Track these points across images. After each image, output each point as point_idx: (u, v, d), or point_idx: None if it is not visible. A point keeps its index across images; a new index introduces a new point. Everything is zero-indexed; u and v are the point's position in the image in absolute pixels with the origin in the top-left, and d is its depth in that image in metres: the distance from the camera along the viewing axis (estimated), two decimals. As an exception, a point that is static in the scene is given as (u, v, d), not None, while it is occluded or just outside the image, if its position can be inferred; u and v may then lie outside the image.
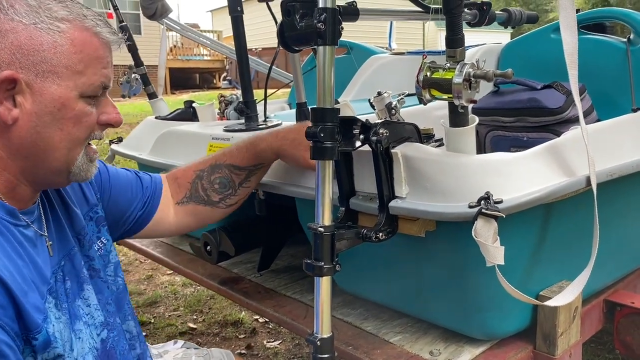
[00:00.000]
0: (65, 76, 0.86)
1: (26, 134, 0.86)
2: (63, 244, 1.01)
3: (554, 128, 1.55)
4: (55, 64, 0.85)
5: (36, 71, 0.84)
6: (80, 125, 0.89)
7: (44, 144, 0.87)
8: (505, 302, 1.13)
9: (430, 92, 1.03)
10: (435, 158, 1.07)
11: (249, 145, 1.29)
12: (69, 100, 0.87)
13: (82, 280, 1.01)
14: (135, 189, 1.24)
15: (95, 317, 1.00)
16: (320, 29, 0.95)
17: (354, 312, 1.39)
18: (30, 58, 0.83)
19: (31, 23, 0.84)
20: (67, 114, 0.87)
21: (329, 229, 0.99)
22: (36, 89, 0.85)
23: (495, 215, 0.94)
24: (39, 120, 0.86)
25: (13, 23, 0.83)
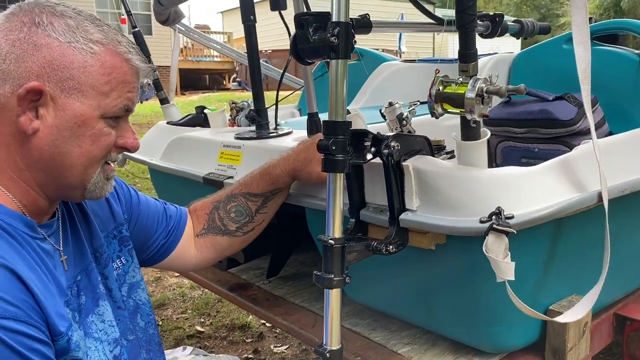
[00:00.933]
0: (90, 95, 0.88)
1: (45, 146, 0.87)
2: (81, 259, 1.02)
3: (565, 140, 1.55)
4: (82, 82, 0.87)
5: (62, 87, 0.86)
6: (98, 144, 0.91)
7: (62, 158, 0.89)
8: (514, 316, 1.13)
9: (443, 106, 1.03)
10: (446, 171, 1.07)
11: (262, 173, 1.30)
12: (89, 119, 0.89)
13: (98, 296, 1.02)
14: (161, 218, 1.27)
15: (109, 334, 1.01)
16: (334, 43, 0.95)
17: (363, 322, 1.39)
18: (59, 74, 0.86)
19: (66, 41, 0.86)
20: (87, 131, 0.89)
21: (339, 241, 0.99)
22: (60, 104, 0.87)
23: (506, 231, 0.94)
24: (59, 134, 0.87)
25: (49, 39, 0.86)
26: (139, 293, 1.16)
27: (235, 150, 1.58)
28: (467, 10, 0.99)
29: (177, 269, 1.48)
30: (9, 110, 0.86)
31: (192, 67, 17.91)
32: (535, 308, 1.09)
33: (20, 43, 0.85)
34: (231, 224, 1.30)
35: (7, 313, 0.74)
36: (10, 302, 0.75)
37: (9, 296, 0.76)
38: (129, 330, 1.09)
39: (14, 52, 0.85)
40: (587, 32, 1.05)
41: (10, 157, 0.88)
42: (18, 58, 0.85)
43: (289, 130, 1.67)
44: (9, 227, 0.85)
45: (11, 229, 0.85)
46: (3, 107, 0.86)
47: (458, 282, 1.16)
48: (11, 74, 0.85)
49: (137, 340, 1.11)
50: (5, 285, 0.76)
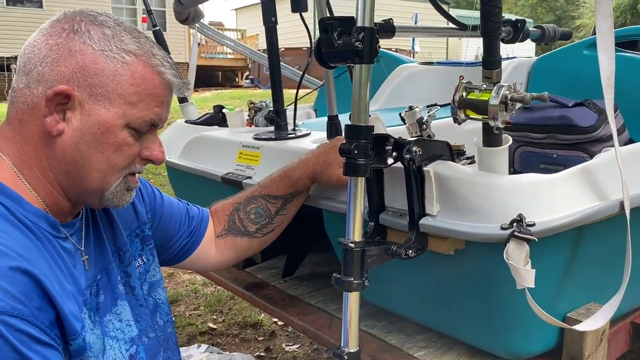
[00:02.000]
0: (116, 104, 0.89)
1: (68, 148, 0.89)
2: (102, 258, 1.03)
3: (584, 146, 1.54)
4: (111, 90, 0.89)
5: (90, 92, 0.88)
6: (120, 153, 0.92)
7: (83, 162, 0.90)
8: (532, 322, 1.13)
9: (466, 112, 1.03)
10: (467, 177, 1.07)
11: (282, 176, 1.31)
12: (113, 126, 0.90)
13: (116, 295, 1.04)
14: (184, 219, 1.28)
15: (126, 333, 1.02)
16: (358, 48, 0.96)
17: (379, 325, 1.40)
18: (89, 80, 0.88)
19: (100, 49, 0.88)
20: (109, 139, 0.90)
21: (359, 244, 1.00)
22: (86, 109, 0.89)
23: (527, 239, 0.94)
24: (82, 138, 0.89)
25: (84, 46, 0.88)
26: (158, 292, 1.18)
27: (254, 151, 1.59)
28: (492, 17, 0.99)
29: (198, 269, 1.49)
30: (39, 111, 0.88)
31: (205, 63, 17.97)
32: (553, 315, 1.09)
33: (57, 48, 0.88)
34: (251, 225, 1.31)
35: (15, 311, 0.75)
36: (19, 300, 0.76)
37: (20, 294, 0.77)
38: (150, 328, 1.10)
39: (50, 55, 0.88)
40: (611, 40, 1.04)
41: (37, 156, 0.90)
42: (53, 62, 0.88)
43: (307, 132, 1.68)
44: (33, 225, 0.87)
45: (35, 227, 0.87)
46: (35, 107, 0.88)
47: (476, 287, 1.16)
48: (46, 76, 0.88)
49: (156, 338, 1.12)
50: (18, 283, 0.77)
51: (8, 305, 0.75)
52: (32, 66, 0.89)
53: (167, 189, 3.14)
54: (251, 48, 3.03)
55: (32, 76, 0.88)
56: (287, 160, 1.51)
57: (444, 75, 2.31)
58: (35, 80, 0.88)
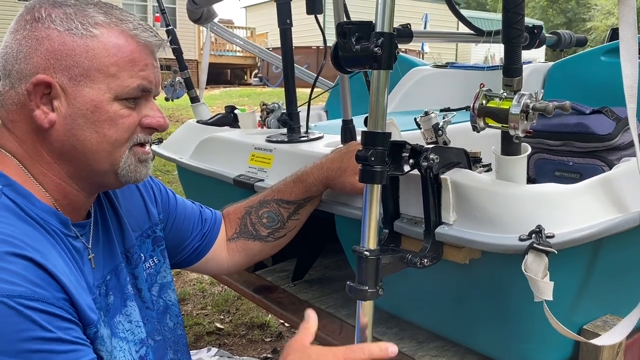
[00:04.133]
0: (97, 79, 0.87)
1: (63, 137, 0.88)
2: (111, 259, 1.03)
3: (602, 155, 1.52)
4: (88, 67, 0.87)
5: (69, 75, 0.86)
6: (117, 127, 0.90)
7: (82, 146, 0.89)
8: (547, 334, 1.11)
9: (485, 120, 1.01)
10: (485, 186, 1.05)
11: (296, 180, 1.29)
12: (101, 102, 0.88)
13: (126, 296, 1.03)
14: (197, 221, 1.27)
15: (135, 334, 1.02)
16: (377, 53, 0.95)
17: (390, 332, 1.39)
18: (63, 62, 0.86)
19: (65, 29, 0.86)
20: (101, 116, 0.88)
21: (374, 252, 0.99)
22: (70, 93, 0.87)
23: (547, 251, 0.92)
24: (74, 123, 0.88)
25: (48, 30, 0.86)
26: (169, 294, 1.17)
27: (267, 153, 1.58)
28: (515, 25, 0.97)
29: (210, 272, 1.48)
30: (26, 108, 0.87)
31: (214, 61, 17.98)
32: (569, 327, 1.07)
33: (25, 40, 0.86)
34: (263, 229, 1.30)
35: (35, 294, 0.76)
36: (38, 285, 0.77)
37: (38, 279, 0.78)
38: (156, 330, 1.10)
39: (22, 50, 0.86)
40: (635, 48, 1.02)
41: (37, 152, 0.89)
42: (26, 56, 0.86)
43: (320, 135, 1.67)
44: (44, 222, 0.86)
45: (45, 224, 0.86)
46: (23, 105, 0.87)
47: (491, 297, 1.15)
48: (23, 72, 0.86)
49: (164, 340, 1.11)
50: (32, 271, 0.78)
51: (29, 290, 0.75)
52: (10, 66, 0.87)
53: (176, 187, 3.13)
54: (261, 47, 3.03)
55: (13, 76, 0.87)
56: (300, 163, 1.50)
57: (458, 79, 2.29)
58: (17, 79, 0.87)
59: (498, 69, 1.06)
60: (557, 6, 37.31)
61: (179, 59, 2.20)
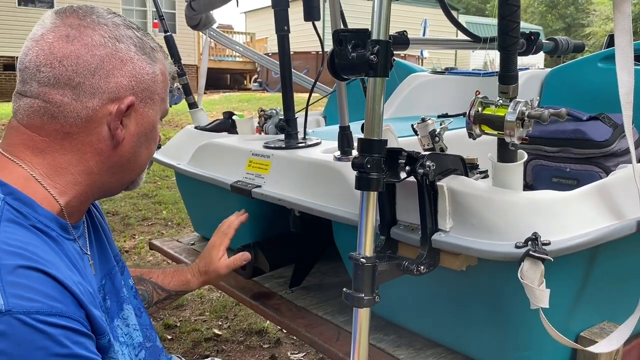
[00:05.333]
0: (157, 102, 0.96)
1: (127, 153, 0.93)
2: (105, 263, 1.03)
3: (598, 161, 1.52)
4: (153, 91, 0.94)
5: (142, 97, 0.92)
6: (155, 143, 1.00)
7: (135, 161, 0.96)
8: (543, 341, 1.11)
9: (481, 127, 1.02)
10: (481, 193, 1.05)
11: (174, 274, 1.37)
12: (156, 122, 0.97)
13: (122, 300, 1.03)
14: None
15: (133, 338, 1.02)
16: (373, 61, 0.95)
17: (387, 339, 1.38)
18: (141, 85, 0.91)
19: (142, 54, 0.92)
20: (154, 134, 0.98)
21: (370, 259, 0.99)
22: (139, 113, 0.93)
23: (543, 258, 0.92)
24: (138, 141, 0.94)
25: (130, 53, 0.91)
26: None
27: (264, 160, 1.58)
28: (510, 32, 0.97)
29: None
30: (95, 122, 0.88)
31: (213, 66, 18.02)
32: (566, 334, 1.07)
33: (109, 58, 0.88)
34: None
35: (52, 309, 0.75)
36: (54, 298, 0.76)
37: (53, 292, 0.77)
38: (146, 337, 1.09)
39: (104, 67, 0.88)
40: (631, 56, 1.03)
41: (82, 163, 0.90)
42: (108, 73, 0.88)
43: (317, 141, 1.67)
44: (46, 227, 0.85)
45: (48, 229, 0.86)
46: (90, 119, 0.88)
47: (487, 304, 1.15)
48: (101, 88, 0.88)
49: (154, 348, 1.11)
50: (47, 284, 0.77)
51: (45, 305, 0.74)
52: (81, 79, 0.87)
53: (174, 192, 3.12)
54: (260, 53, 3.03)
55: (83, 89, 0.87)
56: (297, 169, 1.50)
57: (455, 85, 2.29)
58: (88, 93, 0.87)
59: (495, 75, 1.06)
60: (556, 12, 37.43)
61: (178, 65, 2.20)
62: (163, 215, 4.67)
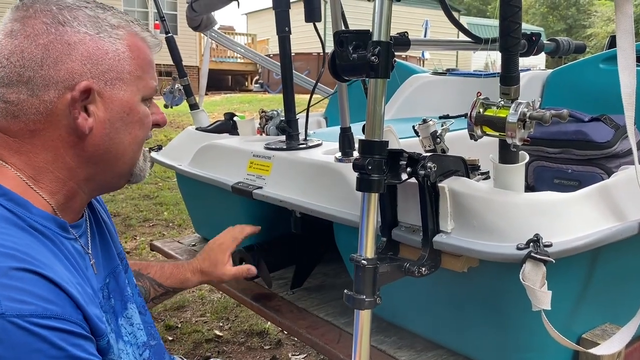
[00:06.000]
0: (129, 81, 0.89)
1: (100, 141, 0.88)
2: (109, 261, 1.02)
3: (600, 162, 1.51)
4: (120, 70, 0.88)
5: (105, 79, 0.86)
6: (143, 127, 0.93)
7: (115, 149, 0.90)
8: (545, 343, 1.11)
9: (482, 129, 1.01)
10: (483, 195, 1.05)
11: (174, 270, 1.36)
12: (134, 104, 0.90)
13: (126, 298, 1.02)
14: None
15: (137, 337, 1.01)
16: (374, 62, 0.95)
17: (388, 340, 1.38)
18: (99, 67, 0.86)
19: (95, 33, 0.86)
20: (134, 117, 0.91)
21: (371, 261, 0.98)
22: (106, 97, 0.87)
23: (544, 260, 0.92)
24: (112, 127, 0.88)
25: (80, 35, 0.85)
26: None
27: (265, 161, 1.58)
28: (512, 33, 0.97)
29: None
30: (57, 115, 0.84)
31: (215, 67, 18.03)
32: (568, 336, 1.07)
33: (54, 45, 0.83)
34: None
35: (47, 312, 0.73)
36: (48, 300, 0.74)
37: (48, 294, 0.75)
38: (150, 335, 1.09)
39: (50, 56, 0.83)
40: (633, 57, 1.02)
41: (58, 160, 0.87)
42: (56, 61, 0.83)
43: (318, 142, 1.67)
44: (43, 227, 0.84)
45: (45, 229, 0.84)
46: (51, 113, 0.84)
47: (489, 306, 1.14)
48: (53, 78, 0.83)
49: (159, 346, 1.11)
50: (42, 286, 0.75)
51: (40, 308, 0.73)
52: (31, 73, 0.83)
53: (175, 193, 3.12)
54: (262, 55, 3.03)
55: (36, 83, 0.83)
56: (298, 170, 1.50)
57: (457, 86, 2.29)
58: (42, 86, 0.83)
59: (496, 76, 1.05)
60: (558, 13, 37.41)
61: (179, 66, 2.20)
62: (164, 217, 4.67)
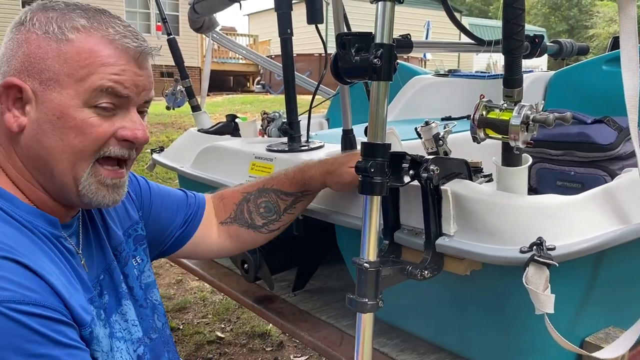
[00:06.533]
0: (66, 84, 0.84)
1: (30, 142, 0.86)
2: (103, 258, 1.02)
3: (603, 164, 1.51)
4: (58, 72, 0.83)
5: (40, 79, 0.84)
6: (84, 136, 0.85)
7: (46, 153, 0.85)
8: (548, 346, 1.10)
9: (485, 131, 1.01)
10: (486, 198, 1.05)
11: (297, 172, 1.28)
12: (68, 108, 0.84)
13: (120, 295, 1.02)
14: (179, 208, 1.24)
15: (132, 333, 1.01)
16: (376, 65, 0.94)
17: (391, 343, 1.38)
18: (36, 66, 0.84)
19: (42, 33, 0.85)
20: (67, 123, 0.84)
21: (374, 264, 0.98)
22: (40, 97, 0.84)
23: (548, 263, 0.91)
24: (39, 129, 0.85)
25: (28, 34, 0.85)
26: (154, 293, 1.15)
27: (267, 163, 1.58)
28: (515, 36, 0.97)
29: (197, 256, 1.42)
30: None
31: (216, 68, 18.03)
32: (571, 339, 1.06)
33: (10, 43, 0.86)
34: (259, 218, 1.28)
35: (26, 298, 0.74)
36: (27, 288, 0.75)
37: (27, 282, 0.76)
38: (151, 328, 1.08)
39: (6, 54, 0.87)
40: (636, 59, 1.02)
41: (10, 156, 0.88)
42: (8, 59, 0.86)
43: (320, 144, 1.66)
44: (29, 224, 0.84)
45: (31, 226, 0.84)
46: None
47: (492, 309, 1.14)
48: (5, 75, 0.86)
49: (159, 339, 1.10)
50: (21, 274, 0.76)
51: (18, 294, 0.73)
52: None
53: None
54: (262, 55, 3.03)
55: None
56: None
57: (459, 88, 2.28)
58: None
59: (499, 77, 1.05)
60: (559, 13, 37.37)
61: (180, 67, 2.20)
62: (166, 218, 4.67)
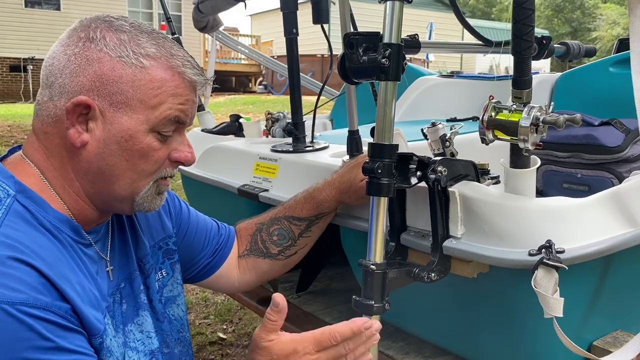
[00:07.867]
0: (138, 110, 0.88)
1: (93, 159, 0.89)
2: (126, 266, 1.03)
3: (610, 167, 1.50)
4: (130, 97, 0.88)
5: (111, 101, 0.87)
6: (147, 159, 0.91)
7: (109, 171, 0.90)
8: (556, 350, 1.09)
9: (494, 132, 1.00)
10: (494, 200, 1.04)
11: (307, 197, 1.27)
12: (137, 133, 0.89)
13: (138, 305, 1.02)
14: (211, 236, 1.25)
15: (146, 344, 1.01)
16: (384, 65, 0.94)
17: (395, 346, 1.37)
18: (108, 88, 0.87)
19: (116, 56, 0.87)
20: (134, 146, 0.89)
21: (380, 266, 0.97)
22: (108, 118, 0.88)
23: (557, 266, 0.90)
24: (106, 148, 0.89)
25: (100, 54, 0.87)
26: (173, 308, 1.15)
27: (272, 163, 1.57)
28: (524, 36, 0.96)
29: (220, 288, 1.43)
30: (62, 123, 0.88)
31: (219, 68, 18.05)
32: (579, 343, 1.05)
33: (75, 58, 0.87)
34: (273, 246, 1.27)
35: (36, 301, 0.76)
36: (39, 290, 0.77)
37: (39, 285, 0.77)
38: (165, 343, 1.08)
39: (69, 66, 0.87)
40: (646, 61, 1.01)
41: (63, 167, 0.90)
42: (72, 73, 0.87)
43: (325, 145, 1.65)
44: (55, 229, 0.86)
45: (56, 230, 0.87)
46: (58, 119, 0.88)
47: (499, 312, 1.13)
48: (66, 87, 0.87)
49: (171, 354, 1.10)
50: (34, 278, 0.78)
51: (30, 297, 0.75)
52: (53, 78, 0.88)
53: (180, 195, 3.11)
54: (266, 56, 3.03)
55: (54, 89, 0.88)
56: (305, 173, 1.49)
57: (464, 89, 2.27)
58: (58, 93, 0.88)
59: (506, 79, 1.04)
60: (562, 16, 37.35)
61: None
62: (168, 218, 4.67)
